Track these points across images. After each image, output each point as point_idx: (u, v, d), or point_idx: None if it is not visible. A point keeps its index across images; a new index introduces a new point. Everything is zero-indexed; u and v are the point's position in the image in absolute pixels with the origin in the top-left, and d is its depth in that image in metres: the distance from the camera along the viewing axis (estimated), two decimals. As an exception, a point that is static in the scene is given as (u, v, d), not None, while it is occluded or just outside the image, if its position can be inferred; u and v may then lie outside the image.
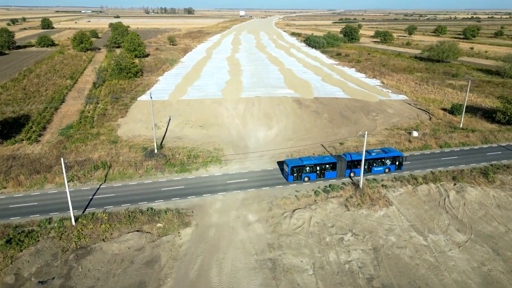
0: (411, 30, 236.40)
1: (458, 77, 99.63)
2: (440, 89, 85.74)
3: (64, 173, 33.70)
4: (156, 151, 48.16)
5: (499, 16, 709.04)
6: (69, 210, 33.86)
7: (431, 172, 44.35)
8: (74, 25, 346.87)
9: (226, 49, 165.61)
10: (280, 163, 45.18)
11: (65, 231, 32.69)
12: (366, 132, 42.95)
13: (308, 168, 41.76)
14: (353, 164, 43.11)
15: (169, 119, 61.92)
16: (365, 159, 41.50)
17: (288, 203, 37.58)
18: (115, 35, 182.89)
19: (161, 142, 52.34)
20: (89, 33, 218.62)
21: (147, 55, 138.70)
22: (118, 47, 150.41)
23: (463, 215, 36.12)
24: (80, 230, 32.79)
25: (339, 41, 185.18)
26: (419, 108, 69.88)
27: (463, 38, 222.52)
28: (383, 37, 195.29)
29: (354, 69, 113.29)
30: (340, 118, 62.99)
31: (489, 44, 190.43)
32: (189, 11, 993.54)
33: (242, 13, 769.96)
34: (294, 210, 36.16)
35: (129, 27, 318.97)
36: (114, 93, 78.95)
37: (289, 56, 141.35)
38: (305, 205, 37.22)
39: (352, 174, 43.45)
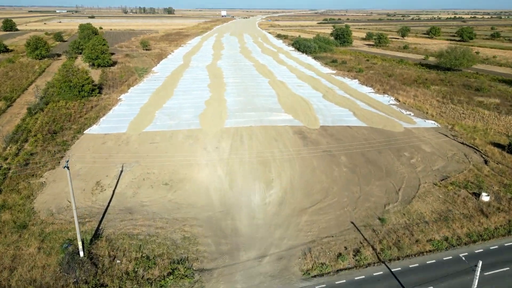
0: (404, 32, 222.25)
1: (485, 92, 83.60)
2: (472, 110, 69.25)
3: None
4: (82, 254, 28.65)
5: (480, 16, 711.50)
6: None
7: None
8: (42, 27, 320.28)
9: (206, 54, 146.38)
10: None
11: None
12: (480, 263, 24.92)
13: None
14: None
15: (121, 171, 42.70)
16: None
17: None
18: (80, 39, 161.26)
19: (98, 225, 33.01)
20: (53, 36, 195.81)
21: (113, 64, 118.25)
22: (82, 53, 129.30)
23: None
24: None
25: (331, 45, 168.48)
26: (463, 143, 52.79)
27: (459, 41, 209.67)
28: (378, 40, 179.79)
29: (357, 80, 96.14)
30: (365, 163, 45.21)
31: (490, 48, 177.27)
32: (169, 11, 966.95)
33: (223, 13, 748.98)
34: None
35: (101, 28, 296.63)
36: (54, 123, 58.97)
37: (279, 64, 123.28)
38: None
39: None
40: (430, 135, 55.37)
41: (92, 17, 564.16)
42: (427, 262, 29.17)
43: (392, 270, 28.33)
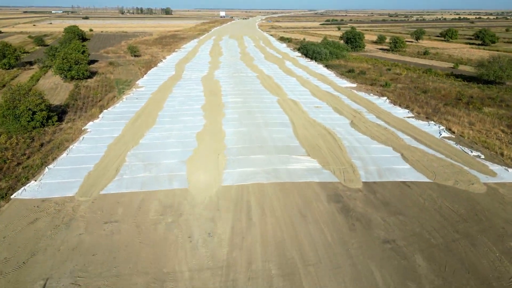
0: (418, 35, 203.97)
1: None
2: (559, 149, 50.94)
3: None
4: None
5: (485, 17, 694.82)
6: None
7: None
8: (30, 28, 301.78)
9: (202, 62, 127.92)
10: None
11: None
12: None
13: None
14: None
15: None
16: None
17: None
18: (60, 43, 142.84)
19: None
20: (34, 40, 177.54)
21: (92, 75, 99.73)
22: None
23: None
24: None
25: (342, 50, 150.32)
26: None
27: (481, 44, 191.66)
28: (393, 44, 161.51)
29: (386, 99, 77.82)
30: (460, 273, 26.76)
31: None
32: (167, 12, 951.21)
33: (222, 13, 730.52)
34: None
35: (91, 30, 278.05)
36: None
37: (286, 75, 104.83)
38: None
39: None
40: (529, 201, 36.96)
41: (86, 18, 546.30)
42: None
43: None
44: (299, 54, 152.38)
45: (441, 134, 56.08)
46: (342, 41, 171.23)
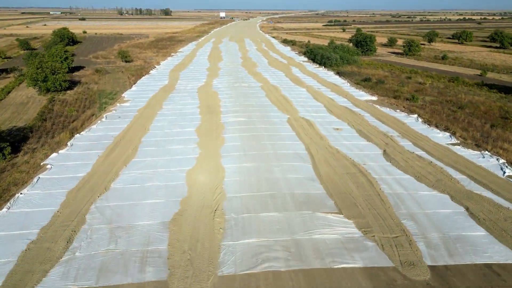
0: (432, 37, 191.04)
1: None
2: None
3: None
4: None
5: (490, 17, 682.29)
6: None
7: None
8: (23, 30, 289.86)
9: (200, 69, 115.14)
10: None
11: None
12: None
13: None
14: None
15: None
16: None
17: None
18: (45, 47, 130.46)
19: None
20: (19, 44, 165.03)
21: (73, 85, 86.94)
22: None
23: None
24: None
25: (353, 54, 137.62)
26: None
27: (499, 47, 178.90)
28: (407, 47, 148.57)
29: (417, 117, 64.86)
30: None
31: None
32: (166, 13, 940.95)
33: (222, 14, 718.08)
34: None
35: (84, 32, 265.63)
36: None
37: (295, 85, 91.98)
38: None
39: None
40: None
41: (83, 19, 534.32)
42: None
43: None
44: (306, 59, 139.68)
45: (505, 173, 43.15)
46: (350, 44, 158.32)
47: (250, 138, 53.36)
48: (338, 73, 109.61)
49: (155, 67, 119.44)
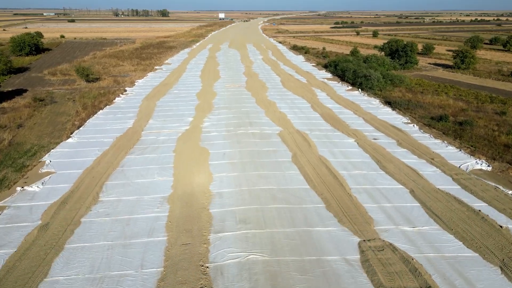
0: (475, 43, 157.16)
1: None
2: None
3: None
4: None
5: (504, 18, 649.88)
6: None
7: None
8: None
9: (187, 95, 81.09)
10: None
11: None
12: None
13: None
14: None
15: None
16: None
17: None
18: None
19: None
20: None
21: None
22: None
23: None
24: None
25: (391, 68, 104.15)
26: None
27: None
28: (460, 59, 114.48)
29: None
30: None
31: None
32: (163, 14, 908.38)
33: (221, 15, 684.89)
34: None
35: (62, 37, 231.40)
36: None
37: (333, 129, 57.83)
38: None
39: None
40: None
41: (72, 20, 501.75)
42: None
43: None
44: (329, 75, 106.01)
45: None
46: (381, 53, 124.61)
47: None
48: (389, 103, 75.49)
49: (126, 90, 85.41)
